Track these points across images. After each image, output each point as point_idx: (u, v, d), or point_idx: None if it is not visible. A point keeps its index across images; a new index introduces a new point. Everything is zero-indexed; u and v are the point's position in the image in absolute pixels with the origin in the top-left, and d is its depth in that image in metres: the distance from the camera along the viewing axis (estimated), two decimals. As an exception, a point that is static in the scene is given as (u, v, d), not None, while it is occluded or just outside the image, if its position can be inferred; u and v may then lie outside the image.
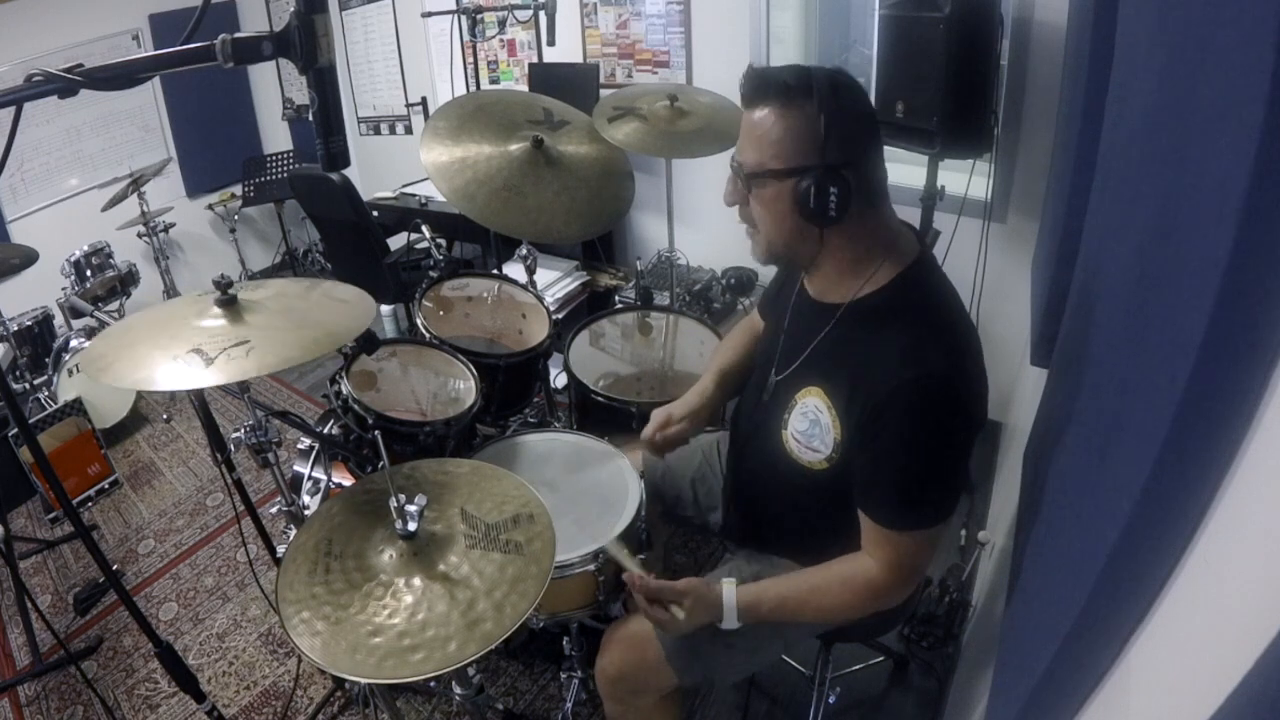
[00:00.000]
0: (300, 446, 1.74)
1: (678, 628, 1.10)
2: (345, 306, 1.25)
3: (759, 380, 1.27)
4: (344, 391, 1.56)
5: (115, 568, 2.33)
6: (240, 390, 1.30)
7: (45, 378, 2.92)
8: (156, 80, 3.45)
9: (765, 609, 1.11)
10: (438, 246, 2.01)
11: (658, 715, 1.30)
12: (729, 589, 1.10)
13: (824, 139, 0.97)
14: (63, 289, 3.28)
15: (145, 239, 3.79)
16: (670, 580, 1.11)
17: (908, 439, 0.99)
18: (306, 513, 1.56)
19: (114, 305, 3.47)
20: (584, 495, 1.45)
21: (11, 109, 0.83)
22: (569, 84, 3.05)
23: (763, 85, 1.01)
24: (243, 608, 2.17)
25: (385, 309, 3.38)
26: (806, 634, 1.29)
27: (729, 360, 1.43)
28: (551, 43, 2.38)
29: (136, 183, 3.58)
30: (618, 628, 1.27)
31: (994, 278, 2.21)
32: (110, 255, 3.46)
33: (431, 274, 2.00)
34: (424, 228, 2.05)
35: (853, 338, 1.07)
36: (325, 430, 1.65)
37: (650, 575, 1.12)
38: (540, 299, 2.07)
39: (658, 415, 1.35)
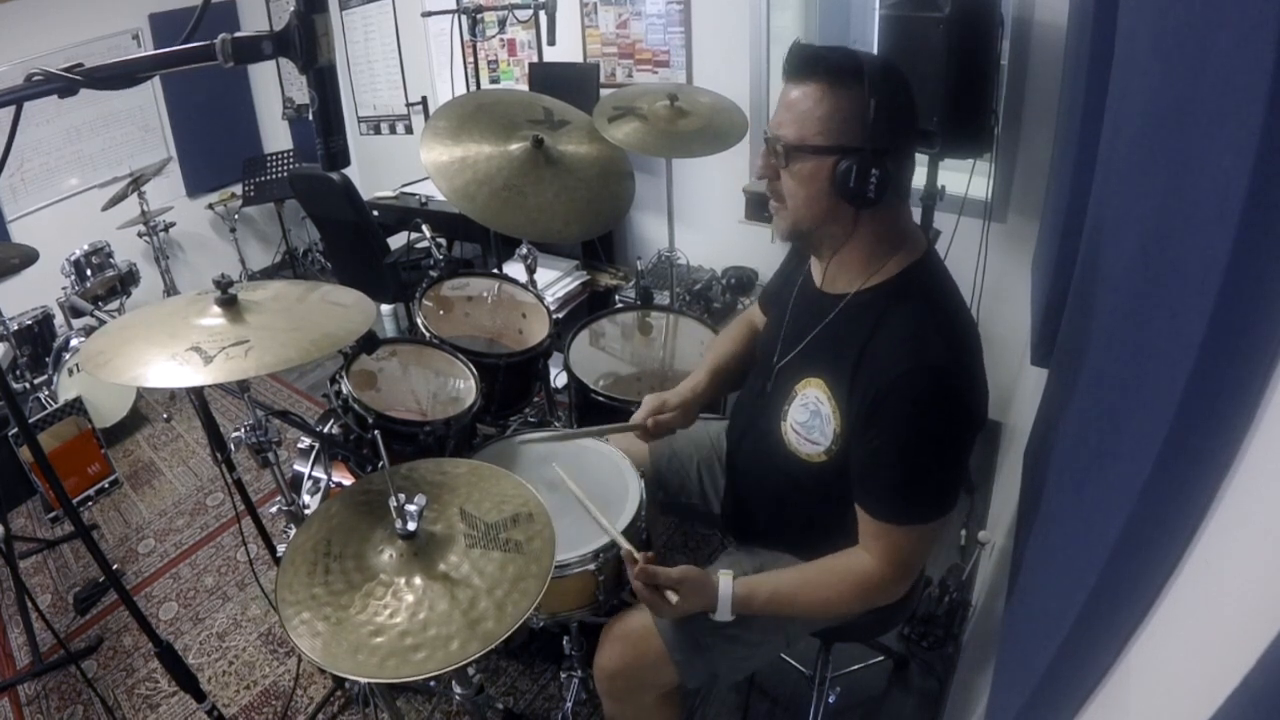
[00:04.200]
0: (300, 446, 1.74)
1: (671, 612, 1.10)
2: (345, 311, 1.25)
3: (761, 372, 1.26)
4: (344, 391, 1.56)
5: (115, 567, 2.33)
6: (240, 390, 1.30)
7: (45, 377, 2.92)
8: (156, 80, 3.43)
9: (759, 601, 1.10)
10: (438, 246, 2.01)
11: (657, 714, 1.29)
12: (725, 580, 1.10)
13: (871, 123, 0.98)
14: (63, 288, 3.28)
15: (145, 238, 3.78)
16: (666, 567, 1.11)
17: (908, 431, 0.99)
18: (306, 512, 1.56)
19: (114, 305, 3.46)
20: (584, 495, 1.45)
21: (11, 109, 0.83)
22: (569, 84, 3.04)
23: (812, 62, 1.01)
24: (243, 607, 2.17)
25: (385, 308, 3.38)
26: (807, 631, 1.28)
27: (724, 353, 1.43)
28: (552, 42, 2.38)
29: (136, 182, 3.58)
30: (616, 623, 1.25)
31: (994, 278, 2.21)
32: (110, 255, 3.46)
33: (431, 274, 2.00)
34: (424, 227, 2.05)
35: (856, 327, 1.07)
36: (325, 430, 1.65)
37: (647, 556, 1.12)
38: (540, 298, 2.07)
39: (651, 401, 1.35)
